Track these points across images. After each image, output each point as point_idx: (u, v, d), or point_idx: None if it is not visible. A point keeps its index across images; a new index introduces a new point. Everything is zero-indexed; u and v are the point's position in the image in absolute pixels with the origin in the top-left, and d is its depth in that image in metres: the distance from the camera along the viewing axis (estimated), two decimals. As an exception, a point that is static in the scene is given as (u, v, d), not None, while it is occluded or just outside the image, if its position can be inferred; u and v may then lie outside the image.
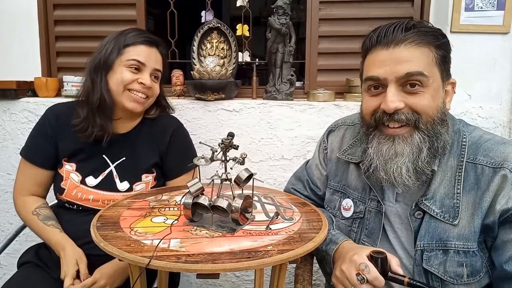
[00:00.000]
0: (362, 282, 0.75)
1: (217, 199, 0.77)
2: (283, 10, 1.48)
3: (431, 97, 0.79)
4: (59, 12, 1.73)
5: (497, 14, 1.42)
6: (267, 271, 0.85)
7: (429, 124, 0.80)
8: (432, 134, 0.80)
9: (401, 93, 0.79)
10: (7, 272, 1.74)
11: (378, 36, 0.81)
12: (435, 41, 0.80)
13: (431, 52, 0.79)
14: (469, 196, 0.81)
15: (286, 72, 1.56)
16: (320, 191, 1.07)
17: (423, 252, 0.83)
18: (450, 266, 0.81)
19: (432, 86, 0.79)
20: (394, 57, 0.79)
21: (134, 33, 1.12)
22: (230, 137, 0.80)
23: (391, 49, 0.79)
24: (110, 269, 1.01)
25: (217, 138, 1.54)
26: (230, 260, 0.64)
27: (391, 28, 0.80)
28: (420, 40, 0.78)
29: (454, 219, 0.81)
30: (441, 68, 0.81)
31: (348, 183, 0.98)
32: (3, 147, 1.65)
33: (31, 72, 1.68)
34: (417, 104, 0.79)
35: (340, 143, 1.04)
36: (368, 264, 0.76)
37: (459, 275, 0.80)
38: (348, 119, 1.08)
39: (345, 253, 0.84)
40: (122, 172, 1.12)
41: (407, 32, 0.78)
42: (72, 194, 1.09)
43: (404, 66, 0.78)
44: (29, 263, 1.12)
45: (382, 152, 0.82)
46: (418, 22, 0.81)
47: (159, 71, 1.15)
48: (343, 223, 0.98)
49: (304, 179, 1.11)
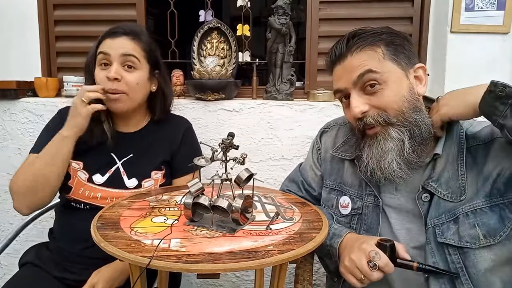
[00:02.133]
0: (373, 269, 0.77)
1: (217, 199, 0.77)
2: (283, 10, 1.47)
3: (392, 91, 0.84)
4: (59, 12, 1.73)
5: (497, 14, 1.42)
6: (267, 271, 0.85)
7: (399, 117, 0.84)
8: (407, 123, 0.84)
9: (364, 96, 0.85)
10: (7, 272, 1.73)
11: (331, 57, 0.91)
12: (378, 40, 0.85)
13: (376, 51, 0.85)
14: (472, 173, 0.84)
15: (286, 72, 1.56)
16: (315, 192, 1.09)
17: (435, 229, 0.84)
18: (463, 231, 0.81)
19: (390, 80, 0.84)
20: (346, 68, 0.87)
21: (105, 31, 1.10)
22: (230, 137, 0.80)
23: (342, 62, 0.88)
24: (108, 272, 1.00)
25: (217, 138, 1.54)
26: (231, 260, 0.64)
27: (337, 45, 0.89)
28: (361, 45, 0.85)
29: (461, 196, 0.83)
30: (396, 60, 0.85)
31: (344, 180, 1.01)
32: (3, 147, 1.65)
33: (31, 72, 1.68)
34: (379, 102, 0.84)
35: (333, 142, 1.07)
36: (378, 251, 0.78)
37: (475, 237, 0.81)
38: (339, 119, 1.12)
39: (352, 243, 0.86)
40: (130, 169, 1.12)
41: (349, 43, 0.87)
42: (80, 193, 1.08)
43: (355, 72, 0.85)
44: (30, 264, 1.12)
45: (374, 152, 0.86)
46: (358, 29, 0.89)
47: (131, 55, 1.06)
48: (342, 221, 0.99)
49: (298, 180, 1.13)
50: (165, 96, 1.20)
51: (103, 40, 1.08)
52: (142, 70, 1.10)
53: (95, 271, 1.00)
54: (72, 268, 1.07)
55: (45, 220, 1.56)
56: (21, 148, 1.63)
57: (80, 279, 1.01)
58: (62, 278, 1.07)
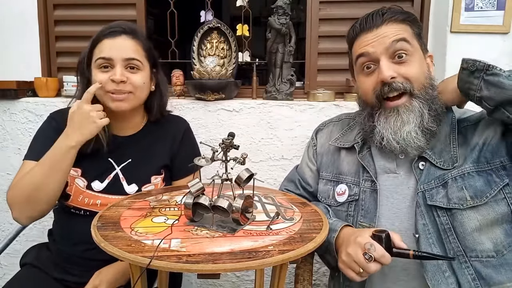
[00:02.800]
0: (369, 261, 0.78)
1: (217, 199, 0.77)
2: (283, 10, 1.47)
3: (418, 65, 0.91)
4: (59, 12, 1.73)
5: (497, 14, 1.42)
6: (267, 271, 0.85)
7: (422, 90, 0.90)
8: (428, 98, 0.90)
9: (392, 65, 0.89)
10: (8, 272, 1.73)
11: (361, 24, 0.94)
12: (408, 19, 0.93)
13: (408, 27, 0.92)
14: (462, 148, 0.90)
15: (286, 72, 1.56)
16: (311, 188, 1.11)
17: (425, 193, 0.89)
18: (451, 193, 0.86)
19: (416, 54, 0.91)
20: (379, 35, 0.90)
21: (101, 30, 1.05)
22: (230, 137, 0.80)
23: (374, 30, 0.91)
24: (110, 273, 0.99)
25: (217, 138, 1.54)
26: (231, 260, 0.64)
27: (370, 15, 0.93)
28: (397, 17, 0.91)
29: (452, 165, 0.89)
30: (420, 42, 0.93)
31: (340, 170, 1.04)
32: (3, 147, 1.65)
33: (31, 72, 1.68)
34: (408, 72, 0.89)
35: (329, 136, 1.12)
36: (373, 243, 0.78)
37: (462, 199, 0.85)
38: (334, 117, 1.18)
39: (348, 237, 0.87)
40: (129, 175, 1.09)
41: (384, 15, 0.91)
42: (79, 200, 1.05)
43: (389, 38, 0.89)
44: (30, 265, 1.11)
45: (391, 124, 0.90)
46: (391, 6, 0.95)
47: (134, 59, 1.03)
48: (339, 210, 1.01)
49: (295, 179, 1.15)
50: (162, 94, 1.16)
51: (100, 41, 1.03)
52: (145, 70, 1.08)
53: (97, 272, 0.99)
54: (72, 270, 1.06)
55: (45, 220, 1.55)
56: (21, 148, 1.63)
57: (80, 281, 1.01)
58: (62, 280, 1.07)
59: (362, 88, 0.97)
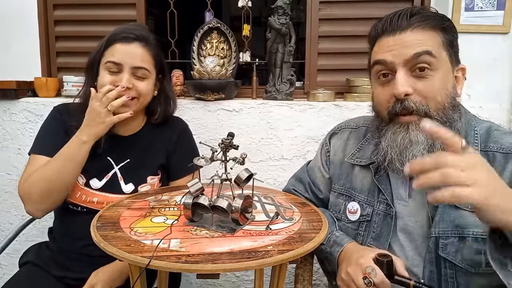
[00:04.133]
0: (369, 286, 0.75)
1: (217, 199, 0.77)
2: (283, 10, 1.47)
3: (441, 81, 0.79)
4: (59, 12, 1.73)
5: (497, 14, 1.42)
6: (267, 271, 0.84)
7: (440, 111, 0.79)
8: (445, 120, 0.79)
9: (410, 78, 0.79)
10: (7, 272, 1.73)
11: (384, 25, 0.82)
12: (441, 24, 0.80)
13: (437, 35, 0.80)
14: None
15: (286, 72, 1.56)
16: (321, 194, 1.06)
17: (438, 239, 0.80)
18: (467, 254, 0.78)
19: (441, 69, 0.79)
20: (401, 42, 0.79)
21: (115, 32, 1.06)
22: (230, 137, 0.80)
23: (397, 35, 0.80)
24: (107, 272, 1.00)
25: (217, 138, 1.54)
26: (230, 260, 0.64)
27: (396, 16, 0.81)
28: (426, 23, 0.79)
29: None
30: (449, 52, 0.81)
31: (353, 185, 0.96)
32: (3, 147, 1.65)
33: (31, 72, 1.68)
34: (426, 89, 0.78)
35: (344, 146, 1.03)
36: (374, 268, 0.76)
37: (478, 263, 0.77)
38: (351, 122, 1.07)
39: (350, 255, 0.84)
40: (127, 174, 1.11)
41: (412, 18, 0.79)
42: (77, 197, 1.07)
43: (411, 49, 0.78)
44: (30, 263, 1.12)
45: (397, 141, 0.81)
46: (422, 8, 0.82)
47: (142, 68, 1.05)
48: (349, 227, 0.96)
49: (305, 181, 1.10)
50: (168, 101, 1.18)
51: (112, 44, 1.05)
52: (151, 78, 1.09)
53: (94, 272, 1.00)
54: (72, 267, 1.07)
55: (45, 220, 1.55)
56: (21, 148, 1.63)
57: (80, 277, 1.01)
58: (62, 277, 1.07)
59: (376, 99, 0.87)
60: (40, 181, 1.01)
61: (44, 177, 1.01)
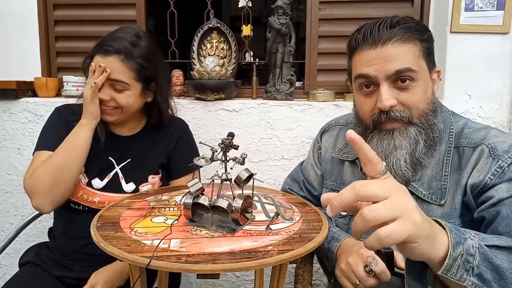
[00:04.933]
0: (369, 274, 0.76)
1: (217, 199, 0.77)
2: (283, 10, 1.47)
3: (422, 90, 0.82)
4: (59, 12, 1.73)
5: (497, 14, 1.42)
6: (267, 271, 0.85)
7: (422, 118, 0.82)
8: (427, 126, 0.83)
9: (393, 90, 0.82)
10: (7, 272, 1.73)
11: (364, 36, 0.83)
12: (420, 36, 0.82)
13: (416, 46, 0.82)
14: (453, 177, 0.82)
15: (286, 72, 1.56)
16: (315, 191, 1.09)
17: None
18: None
19: (421, 79, 0.82)
20: (382, 56, 0.80)
21: (102, 40, 1.07)
22: (230, 137, 0.80)
23: (379, 48, 0.81)
24: (107, 273, 1.00)
25: (217, 138, 1.54)
26: (230, 260, 0.64)
27: (376, 26, 0.81)
28: (406, 36, 0.80)
29: (441, 199, 0.82)
30: (427, 60, 0.84)
31: (344, 181, 1.00)
32: (3, 147, 1.65)
33: (31, 72, 1.68)
34: (409, 99, 0.81)
35: (334, 142, 1.06)
36: (375, 257, 0.76)
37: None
38: (341, 119, 1.10)
39: (350, 247, 0.85)
40: (128, 174, 1.12)
41: (392, 30, 0.80)
42: (78, 196, 1.08)
43: (393, 64, 0.79)
44: (30, 263, 1.12)
45: (383, 147, 0.84)
46: (402, 18, 0.83)
47: (119, 81, 1.04)
48: (341, 221, 0.98)
49: (300, 179, 1.13)
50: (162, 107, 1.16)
51: (95, 54, 1.05)
52: (132, 90, 1.07)
53: (94, 272, 1.00)
54: (72, 266, 1.08)
55: (45, 220, 1.56)
56: (20, 148, 1.63)
57: (80, 276, 1.02)
58: (62, 277, 1.07)
59: (360, 108, 0.90)
60: (46, 173, 1.01)
61: (49, 168, 1.01)
